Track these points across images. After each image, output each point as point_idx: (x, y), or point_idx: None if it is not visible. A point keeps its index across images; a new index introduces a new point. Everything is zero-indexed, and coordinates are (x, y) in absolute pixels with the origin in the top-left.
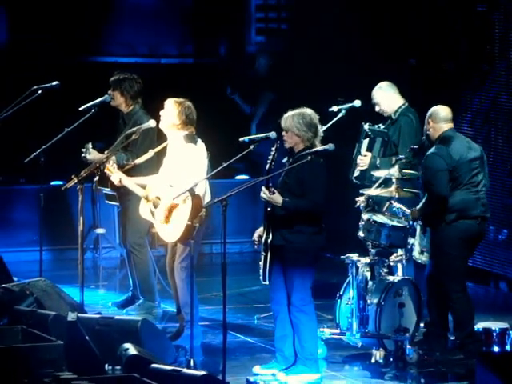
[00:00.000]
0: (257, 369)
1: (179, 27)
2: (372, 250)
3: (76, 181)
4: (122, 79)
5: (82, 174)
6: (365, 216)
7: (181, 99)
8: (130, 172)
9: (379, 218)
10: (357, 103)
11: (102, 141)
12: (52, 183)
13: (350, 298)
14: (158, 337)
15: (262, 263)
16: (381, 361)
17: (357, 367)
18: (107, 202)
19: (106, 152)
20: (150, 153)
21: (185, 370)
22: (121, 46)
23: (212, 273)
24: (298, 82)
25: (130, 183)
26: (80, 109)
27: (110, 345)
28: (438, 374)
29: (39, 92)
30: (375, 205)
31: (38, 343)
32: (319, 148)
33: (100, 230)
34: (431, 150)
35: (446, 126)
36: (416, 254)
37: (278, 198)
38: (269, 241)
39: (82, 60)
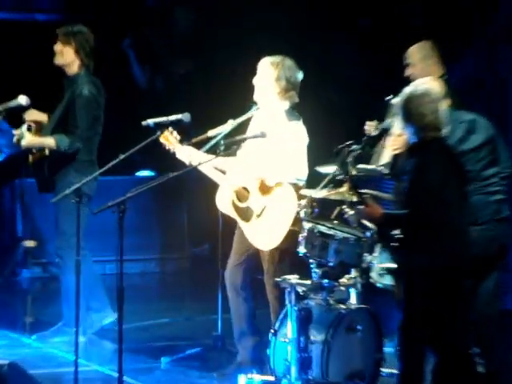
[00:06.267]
0: None
1: None
2: (317, 271)
3: None
4: (77, 32)
5: None
6: (307, 225)
7: (279, 58)
8: None
9: (326, 228)
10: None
11: None
12: None
13: (287, 335)
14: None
15: None
16: None
17: None
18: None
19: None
20: (229, 123)
21: None
22: None
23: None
24: (221, 44)
25: (206, 163)
26: None
27: None
28: None
29: None
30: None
31: None
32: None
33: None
34: None
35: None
36: (374, 275)
37: None
38: None
39: None
